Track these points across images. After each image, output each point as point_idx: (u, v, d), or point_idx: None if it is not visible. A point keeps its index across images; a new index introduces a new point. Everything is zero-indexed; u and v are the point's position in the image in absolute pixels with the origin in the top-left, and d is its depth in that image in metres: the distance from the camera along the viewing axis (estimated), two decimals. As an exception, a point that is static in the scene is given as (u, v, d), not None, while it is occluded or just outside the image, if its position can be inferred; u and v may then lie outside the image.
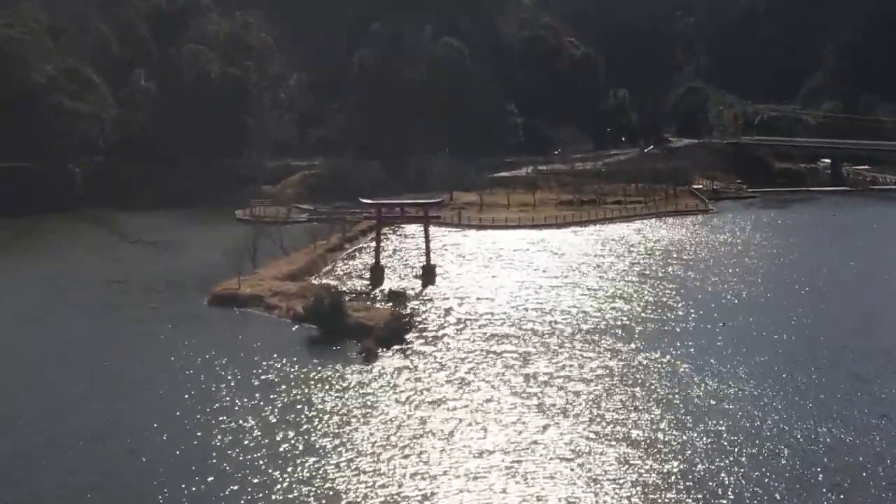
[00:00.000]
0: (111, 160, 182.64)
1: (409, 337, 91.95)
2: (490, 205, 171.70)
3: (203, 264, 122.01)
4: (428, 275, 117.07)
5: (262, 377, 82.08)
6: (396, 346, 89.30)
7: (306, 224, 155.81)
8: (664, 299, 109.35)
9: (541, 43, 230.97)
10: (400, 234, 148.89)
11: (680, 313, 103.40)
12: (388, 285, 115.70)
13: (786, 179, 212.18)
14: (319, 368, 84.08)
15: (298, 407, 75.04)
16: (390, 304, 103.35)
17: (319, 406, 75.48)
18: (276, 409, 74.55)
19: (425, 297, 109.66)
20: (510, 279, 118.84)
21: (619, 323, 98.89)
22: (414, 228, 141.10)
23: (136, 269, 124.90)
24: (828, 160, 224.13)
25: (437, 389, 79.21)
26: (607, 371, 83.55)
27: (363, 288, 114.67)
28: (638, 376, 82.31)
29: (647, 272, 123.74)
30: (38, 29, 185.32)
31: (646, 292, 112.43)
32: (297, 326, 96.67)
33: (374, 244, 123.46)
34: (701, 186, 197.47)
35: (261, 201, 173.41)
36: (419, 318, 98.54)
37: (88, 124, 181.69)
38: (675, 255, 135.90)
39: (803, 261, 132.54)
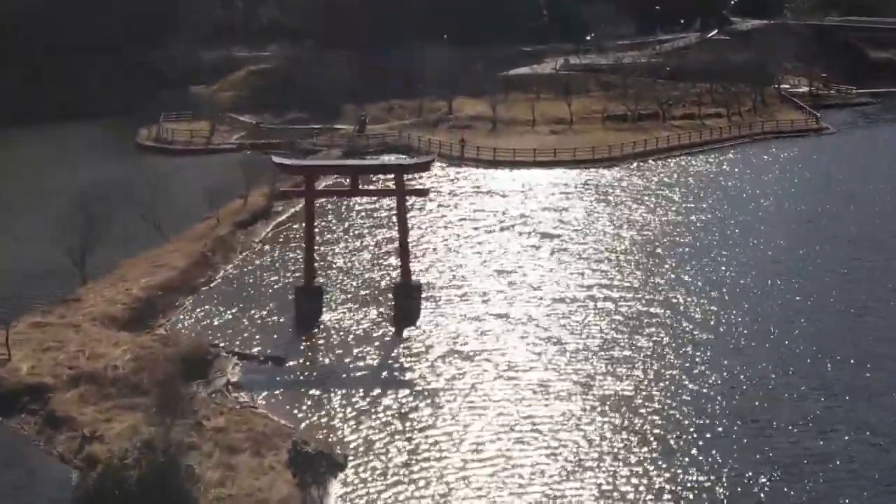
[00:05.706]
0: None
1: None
2: (507, 122, 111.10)
3: (21, 263, 63.67)
4: (404, 303, 57.38)
5: None
6: None
7: (236, 155, 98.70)
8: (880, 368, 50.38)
9: None
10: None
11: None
12: (326, 327, 56.40)
13: (888, 74, 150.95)
14: None
15: None
16: (311, 428, 43.62)
17: None
18: None
19: (394, 373, 50.49)
20: (546, 292, 60.27)
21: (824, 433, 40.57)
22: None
23: None
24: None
25: None
26: None
27: (275, 347, 53.25)
28: None
29: (803, 286, 63.74)
30: None
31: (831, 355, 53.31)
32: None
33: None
34: (788, 87, 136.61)
35: (176, 114, 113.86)
36: (372, 487, 39.94)
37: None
38: (831, 232, 75.76)
39: None
